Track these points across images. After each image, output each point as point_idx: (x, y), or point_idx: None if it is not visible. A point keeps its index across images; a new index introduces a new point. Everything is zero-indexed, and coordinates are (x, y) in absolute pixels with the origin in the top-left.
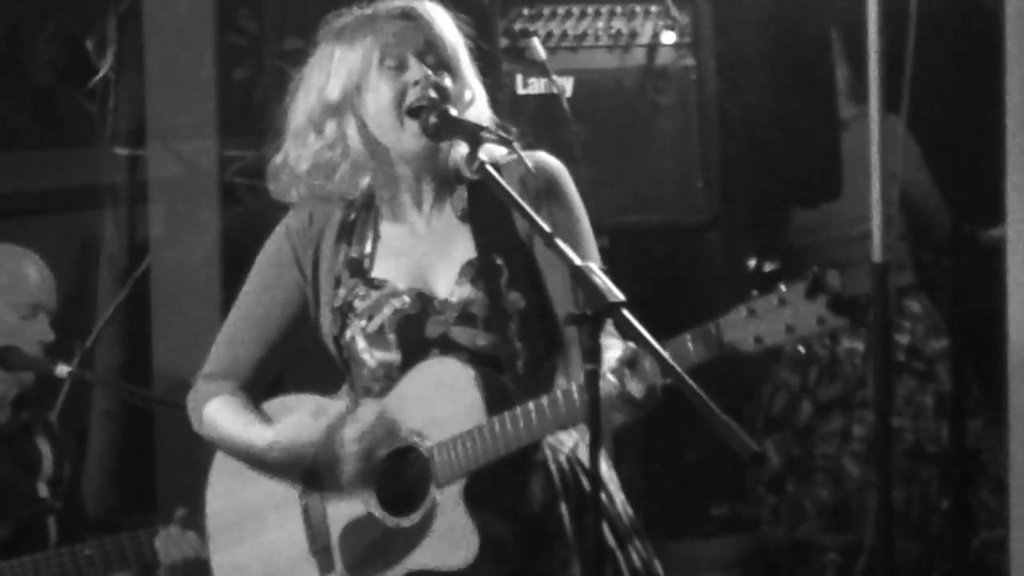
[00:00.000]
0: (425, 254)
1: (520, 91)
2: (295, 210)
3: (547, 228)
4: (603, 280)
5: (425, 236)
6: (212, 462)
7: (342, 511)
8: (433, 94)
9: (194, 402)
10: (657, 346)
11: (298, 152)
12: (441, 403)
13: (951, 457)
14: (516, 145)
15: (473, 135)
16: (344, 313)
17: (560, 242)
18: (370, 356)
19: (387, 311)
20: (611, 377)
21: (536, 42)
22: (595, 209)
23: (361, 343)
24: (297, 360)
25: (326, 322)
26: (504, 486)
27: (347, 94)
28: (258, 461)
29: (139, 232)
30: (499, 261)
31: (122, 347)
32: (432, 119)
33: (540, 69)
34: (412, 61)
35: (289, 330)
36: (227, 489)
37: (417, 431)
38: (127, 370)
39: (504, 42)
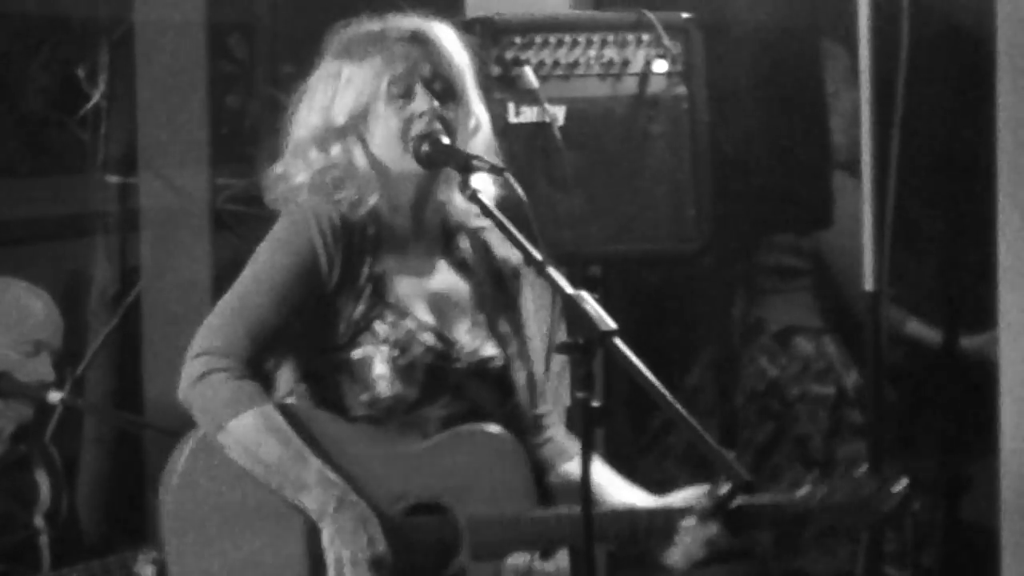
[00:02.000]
0: (436, 291)
1: (512, 119)
2: (318, 201)
3: (539, 256)
4: (595, 308)
5: (429, 271)
6: (188, 449)
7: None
8: (438, 125)
9: (212, 397)
10: (649, 374)
11: (298, 166)
12: (488, 474)
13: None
14: (508, 174)
15: (465, 163)
16: (359, 330)
17: (551, 270)
18: (388, 386)
19: (418, 348)
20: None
21: (528, 70)
22: (587, 237)
23: (382, 369)
24: None
25: (335, 331)
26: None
27: (354, 118)
28: (294, 495)
29: (130, 260)
30: (506, 328)
31: (113, 374)
32: (424, 148)
33: (532, 97)
34: (419, 89)
35: (300, 319)
36: (206, 483)
37: (455, 493)
38: (118, 397)
39: (496, 70)
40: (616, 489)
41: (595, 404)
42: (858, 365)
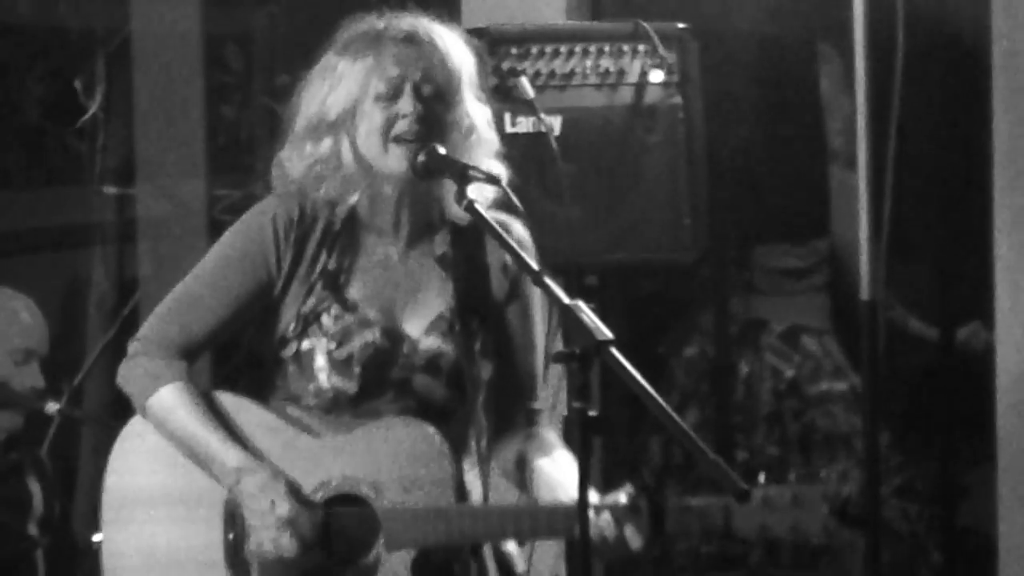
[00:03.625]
0: (398, 288)
1: (508, 130)
2: (283, 198)
3: (535, 266)
4: (592, 318)
5: (400, 268)
6: (124, 431)
7: None
8: (419, 127)
9: (138, 375)
10: (645, 383)
11: (294, 158)
12: (410, 467)
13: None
14: (505, 184)
15: (461, 173)
16: (308, 322)
17: (548, 279)
18: (326, 378)
19: (358, 342)
20: (607, 517)
21: (524, 81)
22: (583, 247)
23: (321, 362)
24: None
25: (283, 322)
26: (449, 566)
27: (343, 114)
28: (206, 468)
29: (128, 270)
30: (474, 324)
31: (111, 385)
32: (421, 157)
33: (528, 108)
34: (407, 90)
35: (241, 315)
36: (137, 465)
37: (375, 485)
38: (116, 407)
39: (492, 81)
40: (558, 486)
41: (592, 413)
42: (858, 367)
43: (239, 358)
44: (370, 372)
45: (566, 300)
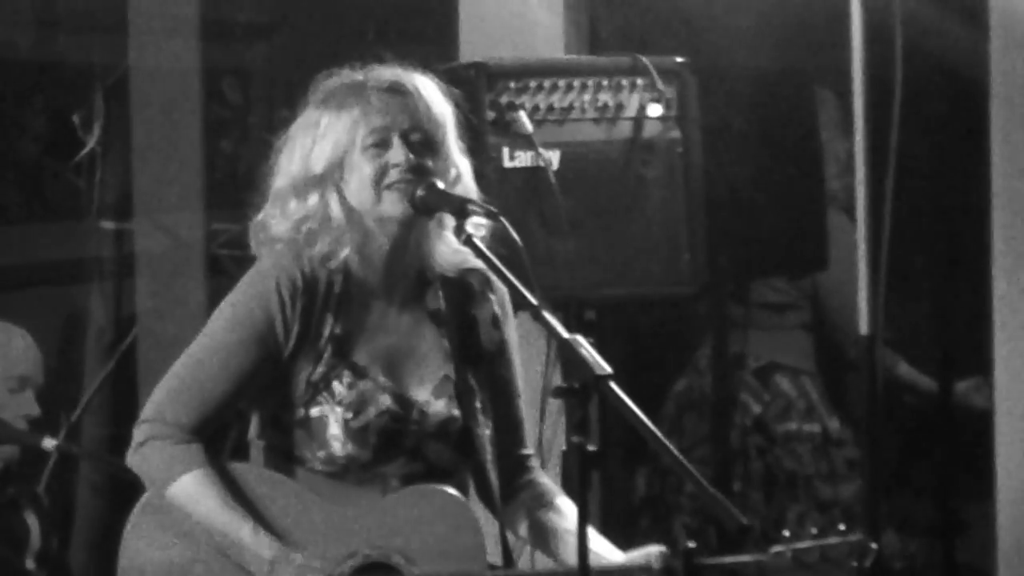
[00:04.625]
0: (400, 349)
1: (507, 164)
2: (281, 260)
3: (534, 300)
4: (591, 353)
5: (398, 329)
6: (140, 503)
7: None
8: (411, 176)
9: (155, 463)
10: (644, 418)
11: (277, 216)
12: (439, 534)
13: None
14: (504, 219)
15: (460, 208)
16: (318, 389)
17: (547, 314)
18: (341, 446)
19: (372, 411)
20: None
21: (523, 115)
22: (582, 281)
23: (336, 430)
24: None
25: (291, 388)
26: None
27: (331, 167)
28: (236, 557)
29: (126, 305)
30: (472, 381)
31: (108, 420)
32: (420, 192)
33: (526, 142)
34: (396, 141)
35: (252, 386)
36: (152, 543)
37: (405, 554)
38: (114, 443)
39: (491, 115)
40: (569, 539)
41: (591, 448)
42: (841, 407)
43: (245, 425)
44: (385, 440)
45: (565, 335)
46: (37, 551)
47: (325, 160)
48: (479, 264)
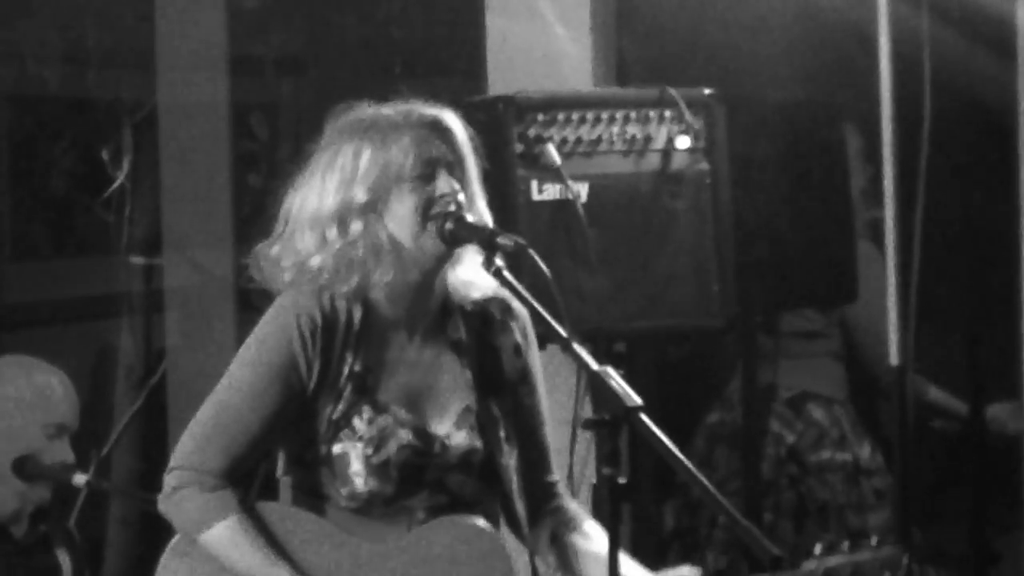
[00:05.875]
0: (421, 383)
1: (535, 197)
2: (301, 297)
3: (564, 332)
4: (621, 385)
5: (419, 362)
6: (170, 545)
7: None
8: (455, 207)
9: (187, 511)
10: (675, 449)
11: (310, 246)
12: (467, 566)
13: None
14: (532, 251)
15: (489, 240)
16: (340, 427)
17: (577, 346)
18: (363, 482)
19: (393, 445)
20: None
21: (551, 148)
22: (611, 314)
23: (357, 467)
24: None
25: (313, 426)
26: None
27: (376, 196)
28: None
29: (155, 340)
30: (495, 411)
31: (139, 455)
32: (448, 225)
33: (555, 175)
34: (441, 173)
35: (278, 427)
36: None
37: None
38: (144, 478)
39: (519, 148)
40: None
41: (621, 480)
42: (873, 435)
43: (272, 463)
44: (407, 474)
45: (595, 367)
46: None
47: (368, 189)
48: (499, 292)
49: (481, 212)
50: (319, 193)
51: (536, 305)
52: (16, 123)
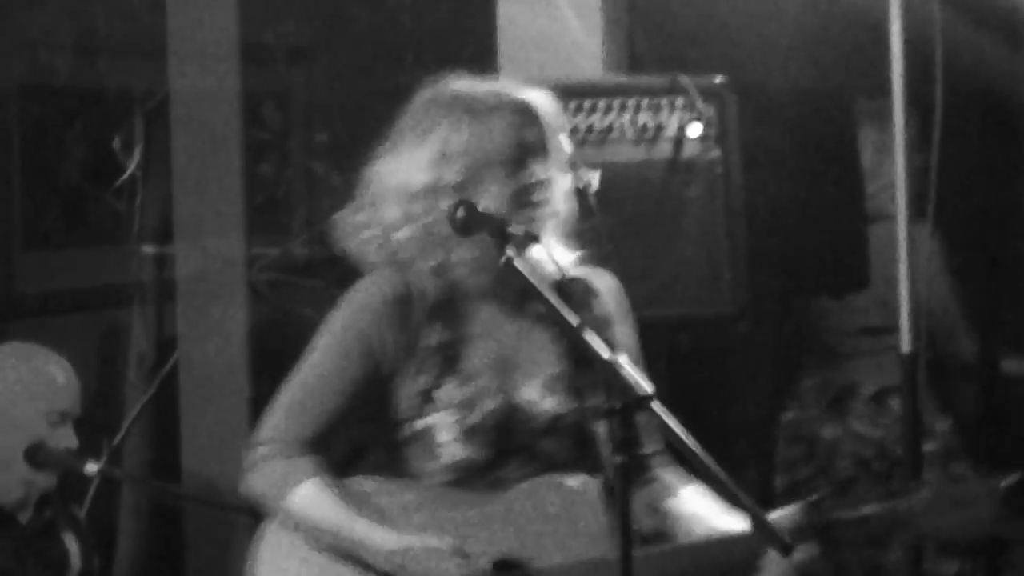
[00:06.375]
0: (509, 351)
1: None
2: (387, 273)
3: (573, 321)
4: (632, 373)
5: (507, 331)
6: (264, 538)
7: None
8: (549, 194)
9: (273, 478)
10: (685, 437)
11: (396, 219)
12: (564, 524)
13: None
14: (545, 241)
15: (499, 230)
16: (426, 399)
17: (588, 335)
18: (453, 452)
19: (480, 412)
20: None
21: (563, 136)
22: None
23: (446, 436)
24: None
25: (397, 402)
26: None
27: (468, 178)
28: (358, 556)
29: (167, 329)
30: (583, 379)
31: (150, 444)
32: (460, 213)
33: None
34: (534, 160)
35: (361, 400)
36: (288, 568)
37: (533, 547)
38: (155, 467)
39: None
40: (709, 518)
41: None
42: (953, 418)
43: (347, 443)
44: (495, 441)
45: (606, 355)
46: (78, 573)
47: (462, 170)
48: (581, 270)
49: (561, 200)
50: (407, 166)
51: (547, 294)
52: (27, 112)
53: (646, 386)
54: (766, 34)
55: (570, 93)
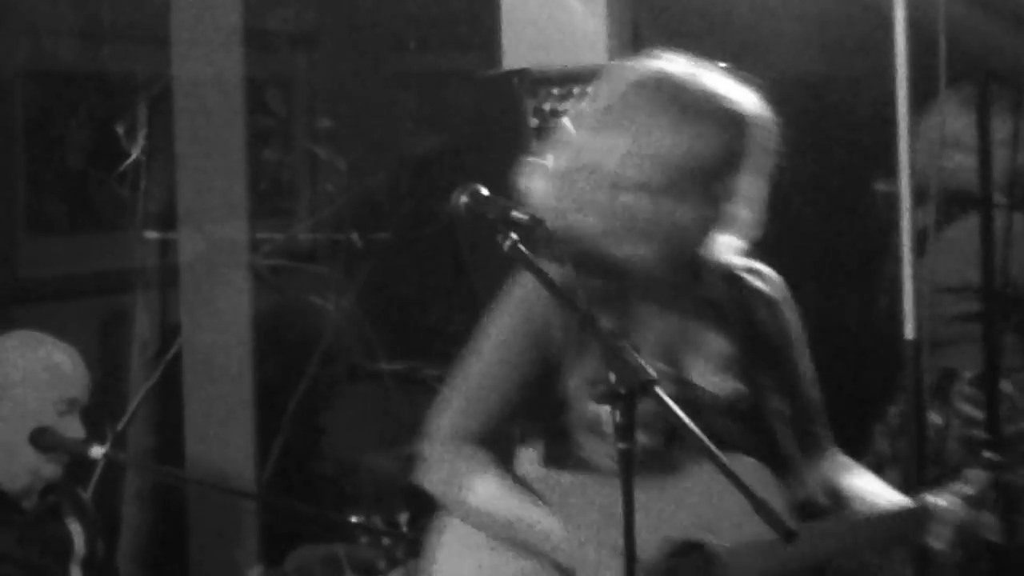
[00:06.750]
0: (677, 335)
1: None
2: (551, 260)
3: (581, 308)
4: (636, 358)
5: (676, 316)
6: (443, 531)
7: None
8: (747, 208)
9: (448, 473)
10: (689, 422)
11: (585, 201)
12: (738, 505)
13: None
14: (547, 226)
15: (503, 215)
16: (595, 386)
17: (596, 321)
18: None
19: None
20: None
21: (567, 122)
22: None
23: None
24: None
25: (570, 390)
26: None
27: (671, 182)
28: (534, 549)
29: (170, 315)
30: (760, 361)
31: (154, 430)
32: (464, 198)
33: None
34: (740, 173)
35: (532, 391)
36: (477, 561)
37: (711, 529)
38: (159, 452)
39: (534, 122)
40: (873, 494)
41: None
42: None
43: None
44: (667, 426)
45: (612, 341)
46: (83, 558)
47: (666, 171)
48: (747, 259)
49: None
50: (602, 149)
51: (551, 281)
52: (31, 98)
53: (649, 371)
54: (770, 19)
55: (574, 79)
